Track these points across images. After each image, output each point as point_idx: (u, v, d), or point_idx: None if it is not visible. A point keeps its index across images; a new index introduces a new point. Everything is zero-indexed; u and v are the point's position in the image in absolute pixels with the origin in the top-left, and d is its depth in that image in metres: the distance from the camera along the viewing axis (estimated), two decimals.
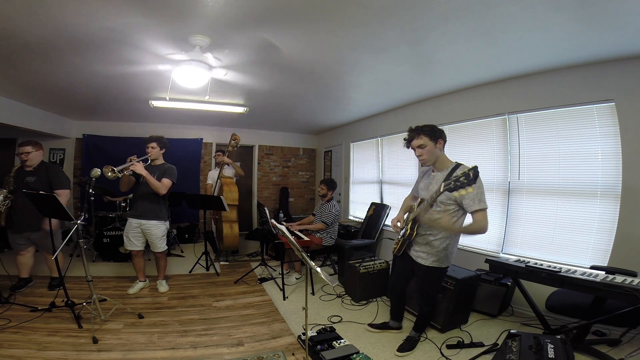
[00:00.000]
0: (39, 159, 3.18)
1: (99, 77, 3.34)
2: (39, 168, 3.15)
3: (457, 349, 2.38)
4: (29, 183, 3.02)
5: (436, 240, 2.17)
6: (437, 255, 2.17)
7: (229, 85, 3.63)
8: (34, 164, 3.13)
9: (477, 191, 1.94)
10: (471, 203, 1.96)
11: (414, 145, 2.18)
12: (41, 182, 3.07)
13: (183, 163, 5.02)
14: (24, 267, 3.23)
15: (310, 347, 2.29)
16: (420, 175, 2.42)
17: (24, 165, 3.11)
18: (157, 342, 2.39)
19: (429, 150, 2.13)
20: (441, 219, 2.03)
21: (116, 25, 2.23)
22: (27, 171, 3.11)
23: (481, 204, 1.94)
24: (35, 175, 3.10)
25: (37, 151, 3.15)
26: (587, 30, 2.14)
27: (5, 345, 2.21)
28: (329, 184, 4.15)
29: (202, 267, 4.20)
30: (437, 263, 2.18)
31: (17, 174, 3.10)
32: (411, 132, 2.20)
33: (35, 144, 3.14)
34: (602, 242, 2.62)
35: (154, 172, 3.18)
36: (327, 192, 4.11)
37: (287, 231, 2.54)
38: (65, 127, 5.60)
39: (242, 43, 2.55)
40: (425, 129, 2.14)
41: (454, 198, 2.01)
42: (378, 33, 2.35)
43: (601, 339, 2.38)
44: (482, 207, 1.94)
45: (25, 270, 3.25)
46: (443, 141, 2.17)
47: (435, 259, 2.18)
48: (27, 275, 3.28)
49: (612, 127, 2.56)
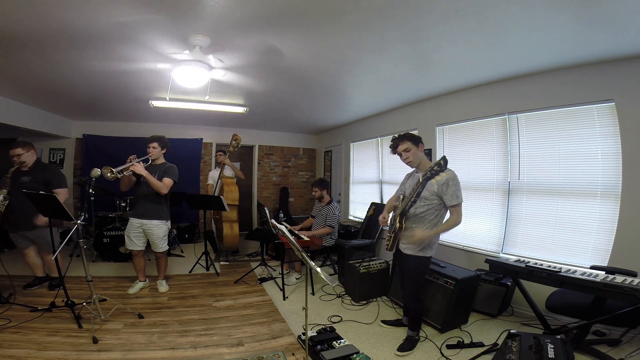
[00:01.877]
0: (32, 159, 3.18)
1: (99, 76, 3.34)
2: (34, 168, 3.17)
3: (457, 349, 2.38)
4: (24, 182, 3.03)
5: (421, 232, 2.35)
6: (422, 245, 2.35)
7: (229, 85, 3.63)
8: (28, 164, 3.14)
9: (454, 188, 2.23)
10: (450, 198, 2.23)
11: (399, 150, 2.47)
12: (37, 182, 3.08)
13: (183, 163, 5.00)
14: (35, 267, 3.26)
15: (310, 347, 2.29)
16: (405, 178, 2.65)
17: (20, 166, 3.13)
18: (157, 342, 2.39)
19: (413, 152, 2.42)
20: (416, 233, 2.28)
21: (117, 23, 2.21)
22: (23, 171, 3.13)
23: (458, 199, 2.24)
24: (30, 174, 3.11)
25: (29, 151, 3.15)
26: (587, 30, 2.14)
27: (5, 345, 2.21)
28: (320, 184, 4.10)
29: (202, 267, 4.20)
30: (422, 252, 2.36)
31: (14, 174, 3.12)
32: (395, 140, 2.50)
33: (24, 144, 3.14)
34: (602, 242, 2.62)
35: (155, 172, 3.18)
36: (322, 192, 4.07)
37: (287, 231, 2.54)
38: (65, 127, 5.60)
39: (242, 43, 2.55)
40: (407, 135, 2.46)
41: (436, 192, 2.26)
42: (378, 33, 2.35)
43: (601, 339, 2.38)
44: (459, 202, 2.24)
45: (38, 269, 3.28)
46: (422, 145, 2.47)
47: (420, 249, 2.36)
48: (42, 273, 3.31)
49: (612, 127, 2.56)
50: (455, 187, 2.23)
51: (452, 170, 2.25)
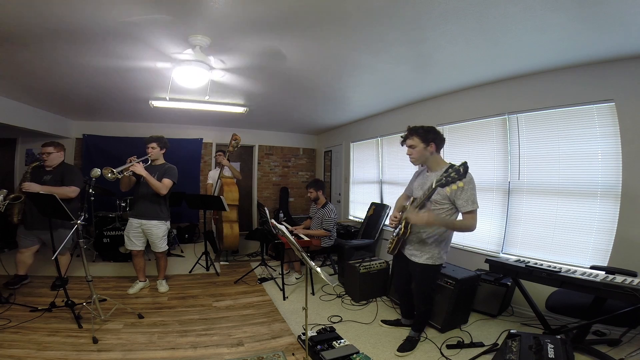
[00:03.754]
0: (59, 160, 3.24)
1: (99, 75, 3.34)
2: (57, 168, 3.22)
3: (457, 349, 2.38)
4: (45, 182, 3.09)
5: (429, 238, 2.23)
6: (430, 253, 2.22)
7: (229, 86, 3.63)
8: (53, 164, 3.20)
9: (470, 192, 2.03)
10: (464, 204, 2.04)
11: (407, 144, 2.27)
12: (56, 182, 3.13)
13: (183, 163, 5.02)
14: (22, 265, 3.24)
15: (310, 347, 2.29)
16: (415, 176, 2.49)
17: (44, 164, 3.17)
18: (157, 342, 2.39)
19: (418, 151, 2.22)
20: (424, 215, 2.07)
21: (117, 21, 2.21)
22: (47, 170, 3.18)
23: (474, 205, 2.04)
24: (52, 174, 3.16)
25: (59, 152, 3.24)
26: (587, 30, 2.14)
27: (5, 345, 2.21)
28: (316, 185, 4.04)
29: (202, 267, 4.20)
30: (430, 260, 2.23)
31: (35, 171, 3.15)
32: (407, 132, 2.29)
33: (57, 145, 3.23)
34: (602, 242, 2.62)
35: (155, 172, 3.18)
36: (317, 193, 4.01)
37: (287, 231, 2.53)
38: (65, 127, 5.60)
39: (243, 44, 2.55)
40: (419, 131, 2.22)
41: (448, 196, 2.08)
42: (378, 33, 2.35)
43: (601, 339, 2.38)
44: (474, 208, 2.04)
45: (22, 268, 3.26)
46: (435, 144, 2.22)
47: (429, 257, 2.23)
48: (23, 272, 3.28)
49: (612, 127, 2.56)
50: (472, 191, 2.02)
51: (473, 182, 2.06)
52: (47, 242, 3.15)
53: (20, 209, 3.10)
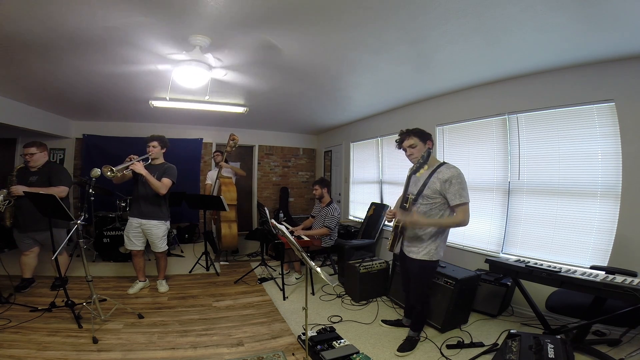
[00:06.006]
0: (43, 160, 3.20)
1: (99, 76, 3.34)
2: (42, 168, 3.18)
3: (457, 349, 2.38)
4: (31, 183, 3.05)
5: (424, 235, 2.29)
6: (427, 249, 2.29)
7: (229, 85, 3.63)
8: (38, 164, 3.16)
9: (458, 186, 2.14)
10: (452, 197, 2.15)
11: (405, 146, 2.37)
12: (42, 182, 3.09)
13: (183, 163, 5.01)
14: (27, 268, 3.23)
15: (310, 347, 2.29)
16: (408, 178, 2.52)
17: (28, 165, 3.13)
18: (157, 342, 2.39)
19: (419, 149, 2.30)
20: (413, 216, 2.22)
21: (116, 24, 2.22)
22: (31, 171, 3.13)
23: (462, 198, 2.13)
24: (38, 174, 3.12)
25: (42, 152, 3.18)
26: (587, 30, 2.14)
27: (5, 345, 2.21)
28: (322, 183, 4.08)
29: (202, 267, 4.20)
30: (427, 256, 2.28)
31: (21, 174, 3.12)
32: (402, 134, 2.40)
33: (39, 145, 3.17)
34: (602, 242, 2.62)
35: (154, 172, 3.18)
36: (322, 191, 4.05)
37: (287, 231, 2.53)
38: (65, 127, 5.60)
39: (242, 43, 2.55)
40: (415, 131, 2.36)
41: (439, 191, 2.18)
42: (378, 33, 2.35)
43: (601, 339, 2.38)
44: (463, 201, 2.13)
45: (28, 271, 3.25)
46: (431, 142, 2.37)
47: (425, 253, 2.29)
48: (30, 275, 3.28)
49: (612, 127, 2.56)
50: (459, 185, 2.14)
51: (456, 168, 2.21)
52: (43, 242, 3.16)
53: (12, 213, 3.06)
